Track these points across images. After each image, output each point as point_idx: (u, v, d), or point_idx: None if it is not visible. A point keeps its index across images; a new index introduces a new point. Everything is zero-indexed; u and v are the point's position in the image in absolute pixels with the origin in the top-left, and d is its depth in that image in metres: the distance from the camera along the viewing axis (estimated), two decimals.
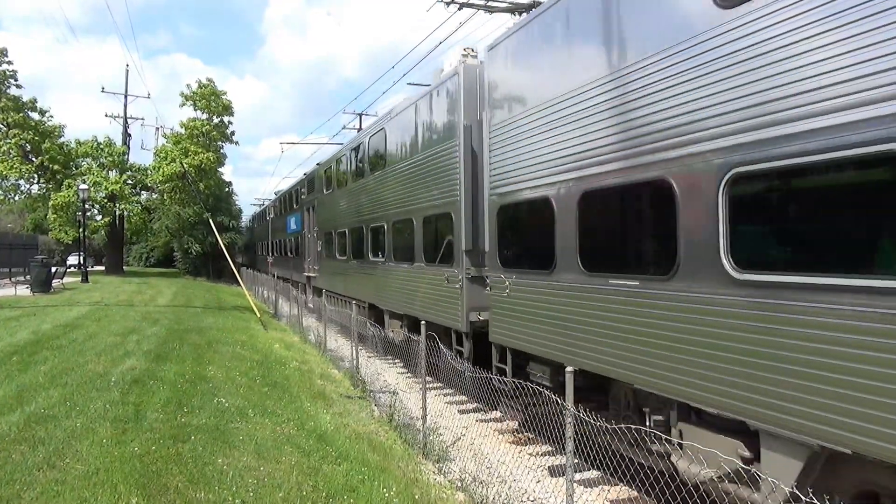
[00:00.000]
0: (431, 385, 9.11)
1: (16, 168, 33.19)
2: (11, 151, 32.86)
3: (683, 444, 4.74)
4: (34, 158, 33.89)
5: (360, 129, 22.92)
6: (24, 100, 33.61)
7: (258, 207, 42.97)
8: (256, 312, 17.52)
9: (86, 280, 27.67)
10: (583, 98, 5.82)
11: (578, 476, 5.68)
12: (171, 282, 32.23)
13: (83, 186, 29.16)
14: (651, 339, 4.93)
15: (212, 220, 23.29)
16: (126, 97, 38.36)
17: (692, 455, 4.48)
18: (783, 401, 3.81)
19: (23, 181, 35.83)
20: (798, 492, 2.92)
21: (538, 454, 6.88)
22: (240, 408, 6.95)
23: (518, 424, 7.77)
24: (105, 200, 34.10)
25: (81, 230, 30.71)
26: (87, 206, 31.13)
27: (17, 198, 39.28)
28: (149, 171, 36.45)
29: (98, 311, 15.84)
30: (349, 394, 9.22)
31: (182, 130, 35.97)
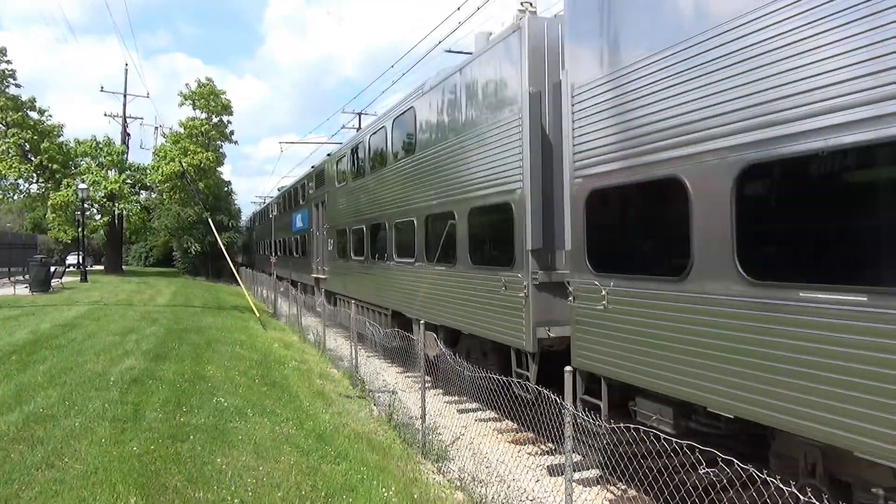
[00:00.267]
0: (430, 385, 9.11)
1: (15, 167, 33.23)
2: (10, 151, 32.90)
3: None
4: (33, 158, 33.92)
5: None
6: (23, 99, 33.65)
7: (259, 206, 42.87)
8: (256, 312, 17.52)
9: (85, 279, 27.64)
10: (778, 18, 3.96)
11: (577, 475, 5.69)
12: (170, 281, 32.23)
13: (82, 186, 29.16)
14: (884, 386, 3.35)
15: (211, 220, 23.27)
16: (125, 96, 38.45)
17: None
18: None
19: (22, 180, 35.91)
20: (797, 492, 2.92)
21: (537, 453, 6.89)
22: (239, 407, 6.95)
23: (518, 424, 7.71)
24: (104, 200, 34.11)
25: (80, 229, 30.68)
26: (86, 206, 31.11)
27: (16, 197, 39.33)
28: (148, 171, 36.50)
29: (97, 311, 15.84)
30: (348, 393, 9.22)
31: (181, 130, 36.02)
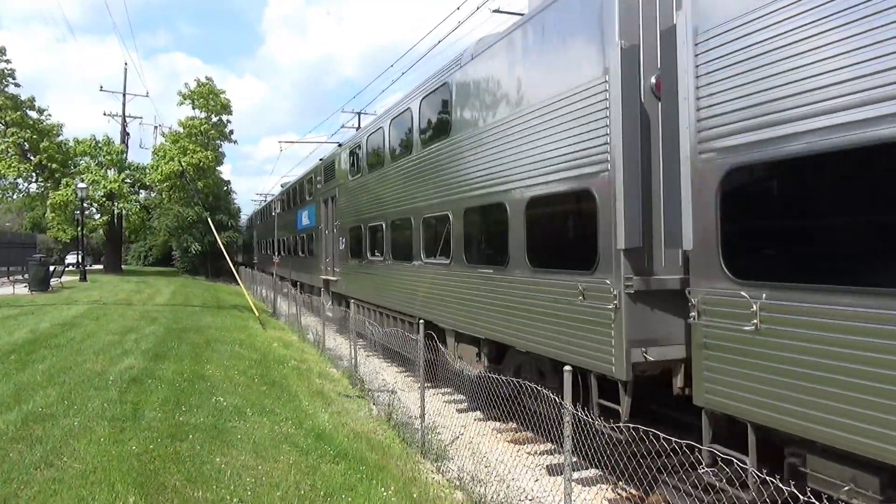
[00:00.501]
0: (429, 385, 9.11)
1: (14, 167, 33.21)
2: (10, 150, 32.89)
3: None
4: (32, 157, 33.90)
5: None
6: (23, 98, 33.64)
7: (259, 204, 42.77)
8: (255, 311, 17.52)
9: (84, 279, 27.62)
10: None
11: (577, 475, 5.68)
12: (170, 280, 32.22)
13: (81, 185, 29.15)
14: None
15: (210, 219, 23.26)
16: (124, 96, 38.38)
17: None
18: None
19: (21, 180, 35.86)
20: (796, 490, 2.92)
21: (536, 453, 6.88)
22: (238, 407, 6.95)
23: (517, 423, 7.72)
24: (103, 199, 34.07)
25: (80, 229, 30.66)
26: (86, 205, 31.09)
27: (16, 196, 39.31)
28: (147, 170, 36.48)
29: (96, 310, 15.83)
30: (348, 393, 9.22)
31: (180, 129, 36.00)
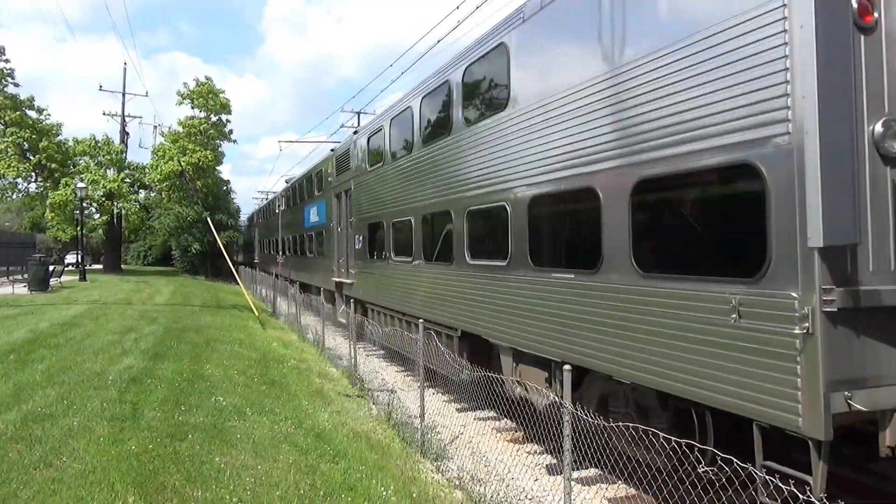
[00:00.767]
0: (429, 384, 9.10)
1: (13, 166, 33.21)
2: (9, 150, 32.86)
3: None
4: (32, 157, 33.89)
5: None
6: (22, 98, 33.62)
7: (261, 202, 42.59)
8: (254, 311, 17.52)
9: (84, 278, 27.61)
10: None
11: (576, 474, 5.68)
12: (169, 280, 32.21)
13: (81, 185, 29.14)
14: None
15: (210, 219, 23.24)
16: (124, 95, 38.40)
17: None
18: None
19: (20, 179, 35.88)
20: (795, 489, 2.92)
21: (536, 452, 6.88)
22: (237, 406, 6.95)
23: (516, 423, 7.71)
24: (103, 199, 34.06)
25: (79, 228, 30.67)
26: (85, 205, 31.08)
27: (15, 196, 39.31)
28: (146, 170, 36.46)
29: (96, 310, 15.82)
30: (347, 392, 9.22)
31: (180, 129, 35.98)
